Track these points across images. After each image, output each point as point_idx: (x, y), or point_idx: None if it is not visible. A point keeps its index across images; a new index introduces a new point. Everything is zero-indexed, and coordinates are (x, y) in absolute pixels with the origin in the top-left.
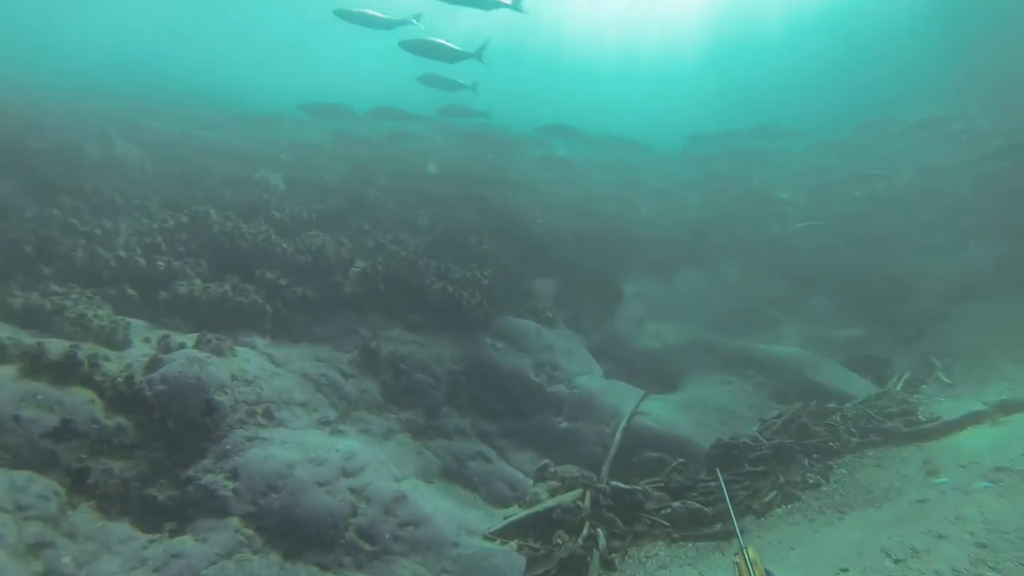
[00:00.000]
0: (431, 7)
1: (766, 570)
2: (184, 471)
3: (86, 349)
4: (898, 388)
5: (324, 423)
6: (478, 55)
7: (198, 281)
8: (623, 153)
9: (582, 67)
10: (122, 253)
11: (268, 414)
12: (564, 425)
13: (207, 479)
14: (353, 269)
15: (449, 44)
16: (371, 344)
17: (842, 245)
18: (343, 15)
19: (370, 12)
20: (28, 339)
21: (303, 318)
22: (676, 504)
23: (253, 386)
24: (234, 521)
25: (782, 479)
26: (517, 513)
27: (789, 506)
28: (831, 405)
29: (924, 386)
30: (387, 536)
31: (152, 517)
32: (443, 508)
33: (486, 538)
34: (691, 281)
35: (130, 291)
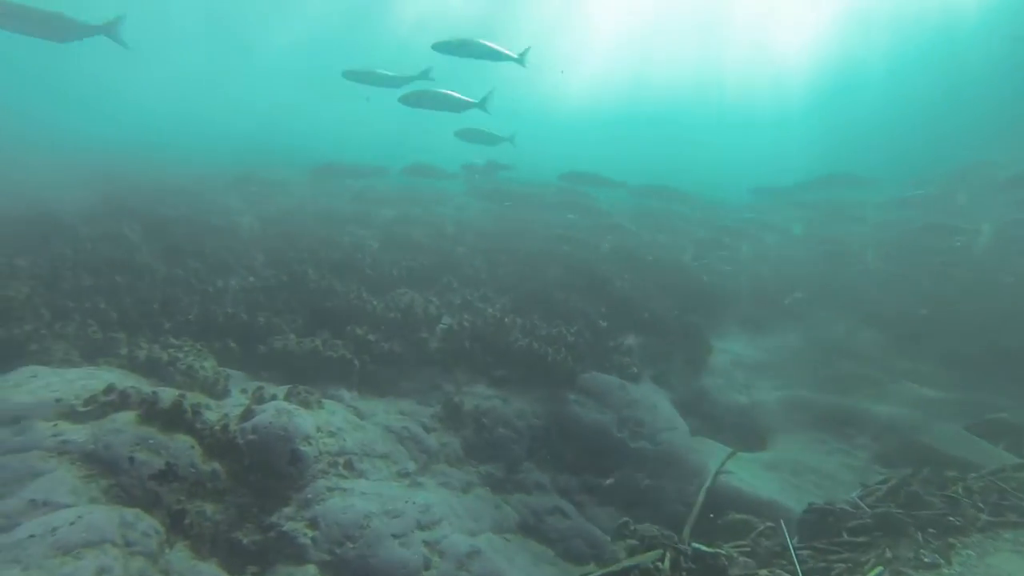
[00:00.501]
0: (442, 61)
1: None
2: (268, 517)
3: (191, 398)
4: None
5: (403, 475)
6: (483, 105)
7: (293, 336)
8: (668, 202)
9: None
10: (229, 309)
11: (349, 465)
12: (647, 482)
13: (288, 526)
14: (440, 326)
15: (452, 93)
16: (454, 399)
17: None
18: (352, 76)
19: (379, 71)
20: (147, 388)
21: (389, 373)
22: (763, 572)
23: (336, 438)
24: (311, 569)
25: (889, 554)
26: (593, 572)
27: None
28: (951, 474)
29: None
30: None
31: (237, 560)
32: (518, 563)
33: None
34: (782, 336)
35: (232, 344)
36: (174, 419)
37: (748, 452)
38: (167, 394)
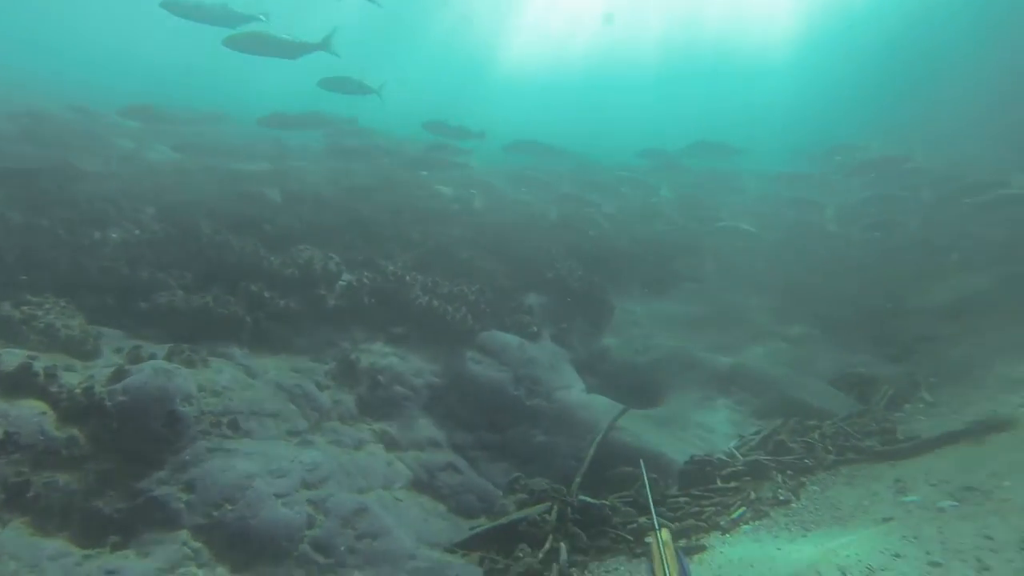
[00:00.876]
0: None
1: (677, 551)
2: (137, 483)
3: (46, 360)
4: (880, 406)
5: (293, 434)
6: (326, 46)
7: (180, 292)
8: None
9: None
10: (106, 263)
11: (234, 425)
12: (540, 439)
13: (160, 491)
14: (340, 283)
15: (284, 36)
16: (350, 356)
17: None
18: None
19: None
20: None
21: (285, 330)
22: (642, 519)
23: (221, 397)
24: (183, 534)
25: (753, 495)
26: (483, 525)
27: (757, 523)
28: (811, 423)
29: (907, 405)
30: (342, 548)
31: (94, 531)
32: (407, 520)
33: (447, 551)
34: (680, 299)
35: (109, 301)
36: (19, 383)
37: (642, 409)
38: (12, 356)
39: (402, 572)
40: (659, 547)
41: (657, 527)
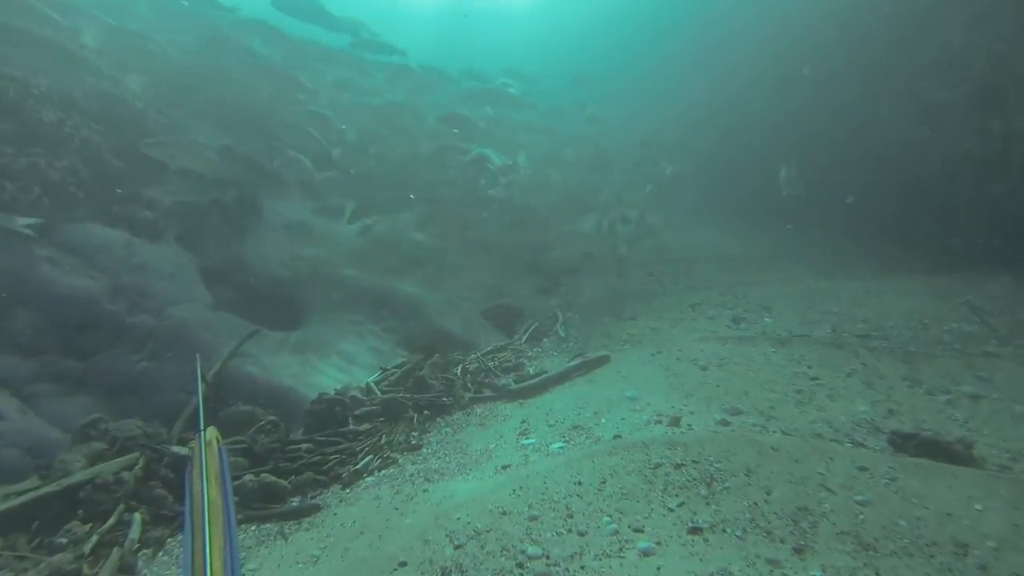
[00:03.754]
0: None
1: (220, 448)
2: None
3: None
4: (523, 341)
5: None
6: None
7: None
8: None
9: None
10: None
11: None
12: (143, 364)
13: None
14: None
15: None
16: None
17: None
18: None
19: None
20: None
21: None
22: (247, 476)
23: None
24: None
25: (384, 440)
26: (16, 496)
27: (382, 473)
28: (455, 355)
29: (545, 340)
30: None
31: None
32: None
33: None
34: (341, 207)
35: None
36: None
37: (279, 332)
38: None
39: None
40: (200, 446)
41: (203, 428)
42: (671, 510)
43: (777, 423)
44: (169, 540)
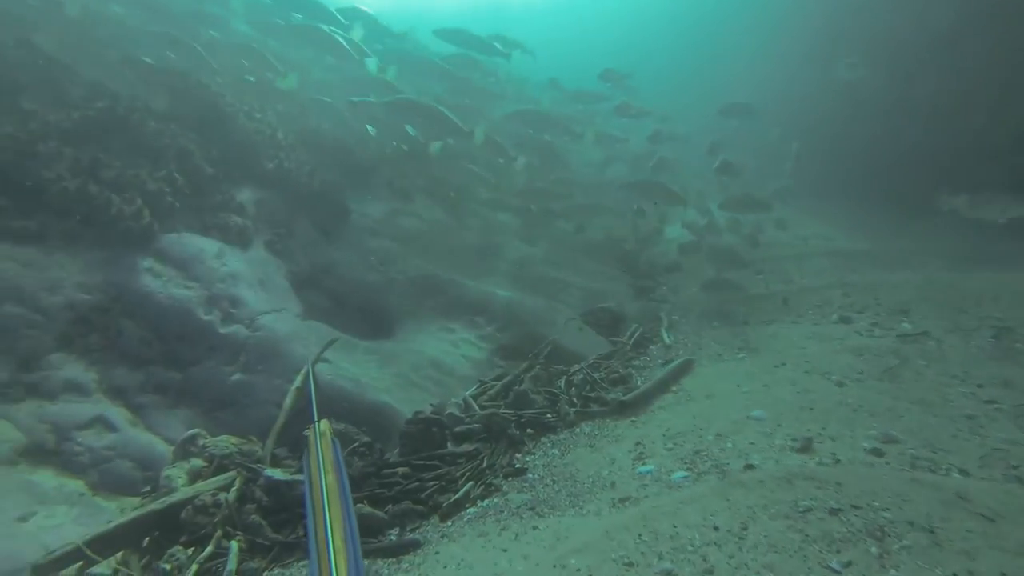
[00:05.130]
0: None
1: (333, 439)
2: None
3: None
4: (628, 348)
5: None
6: None
7: None
8: None
9: None
10: None
11: None
12: (236, 377)
13: None
14: None
15: None
16: None
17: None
18: None
19: None
20: None
21: None
22: (362, 506)
23: None
24: None
25: (485, 463)
26: (115, 521)
27: (486, 503)
28: (557, 367)
29: (652, 346)
30: None
31: None
32: None
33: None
34: (431, 207)
35: None
36: None
37: (370, 341)
38: None
39: None
40: (315, 437)
41: (316, 420)
42: (836, 573)
43: (949, 458)
44: (265, 574)
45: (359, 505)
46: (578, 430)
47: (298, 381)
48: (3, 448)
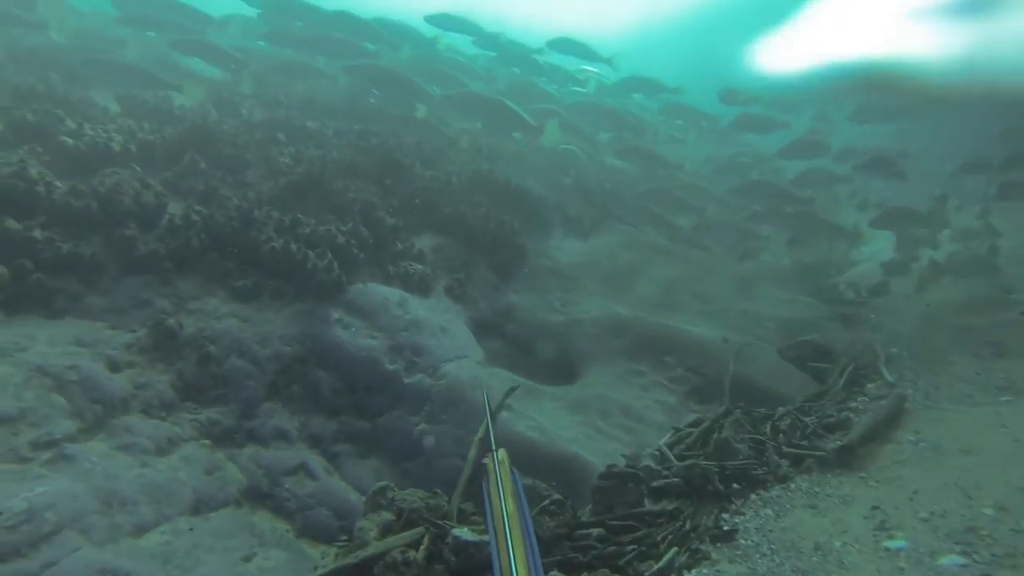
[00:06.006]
0: None
1: (511, 469)
2: None
3: None
4: (839, 387)
5: (43, 446)
6: None
7: None
8: None
9: None
10: None
11: None
12: (422, 427)
13: None
14: (166, 220)
15: None
16: (168, 321)
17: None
18: None
19: None
20: None
21: (70, 286)
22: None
23: None
24: None
25: (688, 524)
26: (325, 566)
27: (692, 574)
28: (760, 411)
29: (870, 385)
30: None
31: None
32: (209, 562)
33: None
34: (613, 241)
35: None
36: None
37: (554, 387)
38: None
39: None
40: (495, 466)
41: (494, 448)
42: None
43: None
44: None
45: (553, 572)
46: (792, 486)
47: (481, 432)
48: (231, 489)
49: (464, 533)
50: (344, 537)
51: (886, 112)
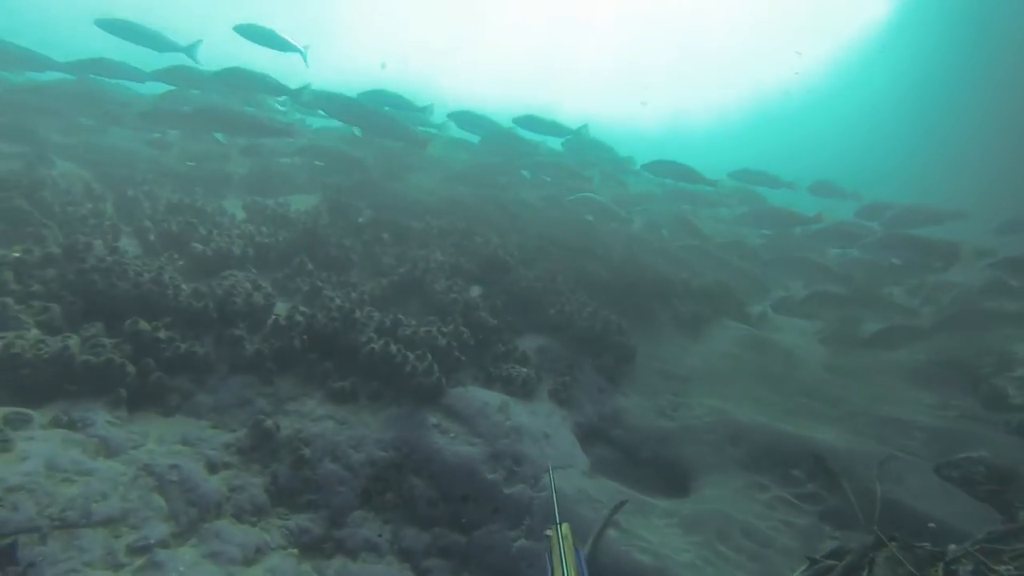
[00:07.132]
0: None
1: (575, 545)
2: None
3: None
4: None
5: (137, 551)
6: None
7: (35, 331)
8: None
9: None
10: None
11: (8, 554)
12: (520, 543)
13: None
14: (271, 321)
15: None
16: (265, 421)
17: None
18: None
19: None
20: None
21: (185, 384)
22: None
23: (32, 495)
24: None
25: None
26: None
27: None
28: (924, 547)
29: None
30: None
31: None
32: None
33: None
34: (729, 339)
35: None
36: None
37: (665, 500)
38: None
39: None
40: (559, 541)
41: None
42: None
43: None
44: None
45: None
46: None
47: (585, 551)
48: None
49: None
50: None
51: None
